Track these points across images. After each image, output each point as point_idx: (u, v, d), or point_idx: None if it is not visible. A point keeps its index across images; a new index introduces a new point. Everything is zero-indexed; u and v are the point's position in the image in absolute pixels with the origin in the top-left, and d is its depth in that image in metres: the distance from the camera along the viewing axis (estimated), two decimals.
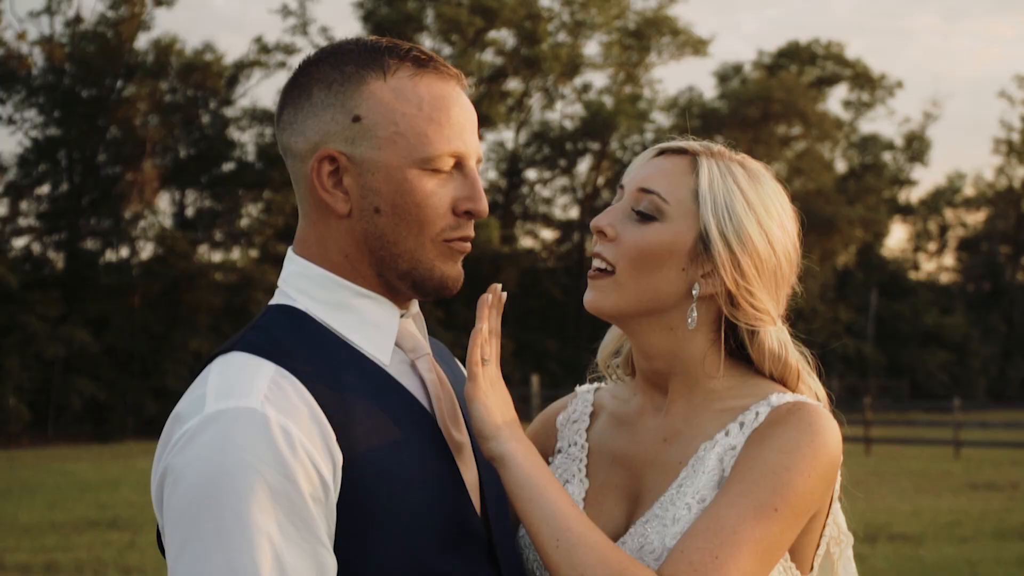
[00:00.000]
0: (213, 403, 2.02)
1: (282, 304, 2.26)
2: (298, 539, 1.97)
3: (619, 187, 2.51)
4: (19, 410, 40.94)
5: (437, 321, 50.98)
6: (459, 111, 2.27)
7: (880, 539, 15.45)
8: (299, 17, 54.03)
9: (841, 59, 68.77)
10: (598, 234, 2.45)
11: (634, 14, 60.10)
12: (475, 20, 52.99)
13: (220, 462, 1.95)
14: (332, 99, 2.20)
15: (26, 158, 48.96)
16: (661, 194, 2.41)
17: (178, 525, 1.97)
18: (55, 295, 44.82)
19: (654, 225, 2.40)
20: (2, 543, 15.56)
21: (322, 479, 2.01)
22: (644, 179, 2.44)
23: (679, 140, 2.51)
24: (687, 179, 2.42)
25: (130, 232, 49.82)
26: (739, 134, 59.35)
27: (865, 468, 26.77)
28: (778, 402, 2.37)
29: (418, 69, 2.25)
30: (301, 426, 2.02)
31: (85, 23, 48.46)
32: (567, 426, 2.67)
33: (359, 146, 2.18)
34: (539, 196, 63.31)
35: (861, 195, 64.88)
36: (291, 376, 2.08)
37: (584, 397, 2.72)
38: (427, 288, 2.26)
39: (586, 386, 2.76)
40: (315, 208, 2.24)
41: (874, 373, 65.57)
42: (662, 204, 2.41)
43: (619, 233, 2.42)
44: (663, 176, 2.43)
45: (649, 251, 2.39)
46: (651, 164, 2.48)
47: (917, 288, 71.97)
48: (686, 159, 2.46)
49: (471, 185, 2.25)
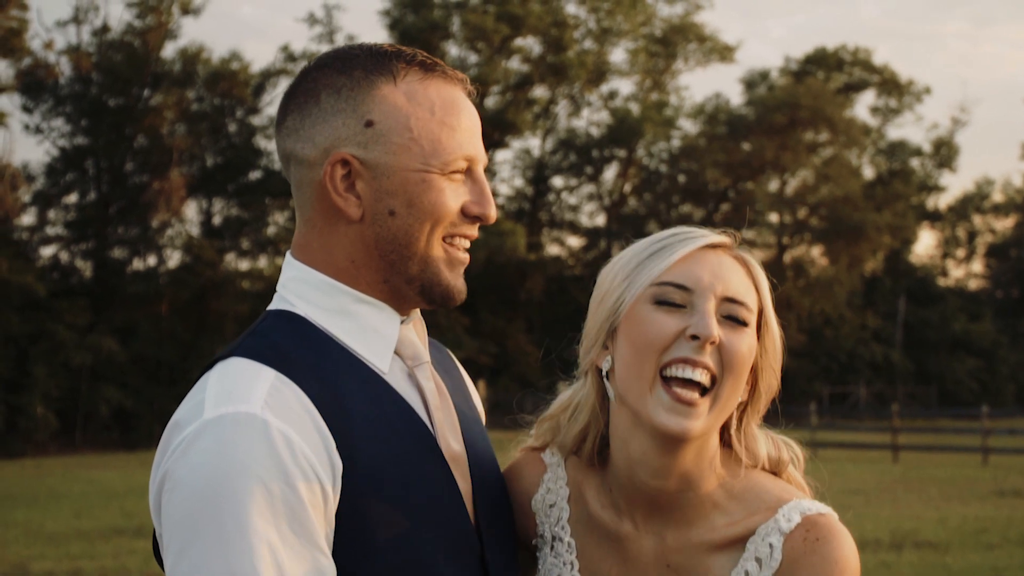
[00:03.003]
0: (212, 408, 2.00)
1: (281, 309, 2.26)
2: (298, 545, 1.95)
3: (677, 286, 2.25)
4: (47, 418, 41.11)
5: (464, 329, 50.99)
6: (468, 116, 2.26)
7: (906, 546, 15.37)
8: (326, 26, 54.24)
9: (868, 65, 68.53)
10: (702, 342, 2.21)
11: (660, 21, 60.10)
12: (501, 28, 52.99)
13: (220, 467, 1.93)
14: (343, 104, 2.19)
15: (54, 167, 49.21)
16: (748, 304, 2.28)
17: (177, 531, 1.95)
18: (83, 303, 44.99)
19: (747, 331, 2.27)
20: (28, 551, 15.61)
21: (322, 486, 1.99)
22: (729, 289, 2.27)
23: (716, 235, 2.34)
24: (749, 282, 2.31)
25: (157, 240, 50.01)
26: (766, 141, 59.23)
27: (892, 475, 26.67)
28: (787, 527, 2.24)
29: (426, 73, 2.23)
30: (302, 432, 2.00)
31: (112, 32, 48.74)
32: (545, 510, 2.47)
33: (373, 150, 2.17)
34: (565, 203, 63.36)
35: (889, 201, 64.60)
36: (291, 382, 2.06)
37: (556, 473, 2.50)
38: (434, 294, 2.24)
39: (551, 455, 2.53)
40: (322, 214, 2.22)
41: (902, 380, 65.34)
42: (747, 313, 2.27)
43: (721, 340, 2.23)
44: (740, 282, 2.29)
45: (747, 360, 2.26)
46: (719, 266, 2.29)
47: (945, 295, 71.68)
48: (736, 258, 2.33)
49: (480, 190, 2.25)
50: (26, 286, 42.03)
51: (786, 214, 64.55)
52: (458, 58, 55.31)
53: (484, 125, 10.95)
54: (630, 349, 2.25)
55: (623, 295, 2.30)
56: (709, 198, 62.40)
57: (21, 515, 19.40)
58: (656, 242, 2.34)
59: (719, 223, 46.20)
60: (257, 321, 2.26)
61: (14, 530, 17.60)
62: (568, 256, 63.41)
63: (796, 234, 64.65)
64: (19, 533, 17.27)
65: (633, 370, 2.23)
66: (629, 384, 2.24)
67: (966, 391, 65.19)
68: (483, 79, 53.75)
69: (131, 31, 48.49)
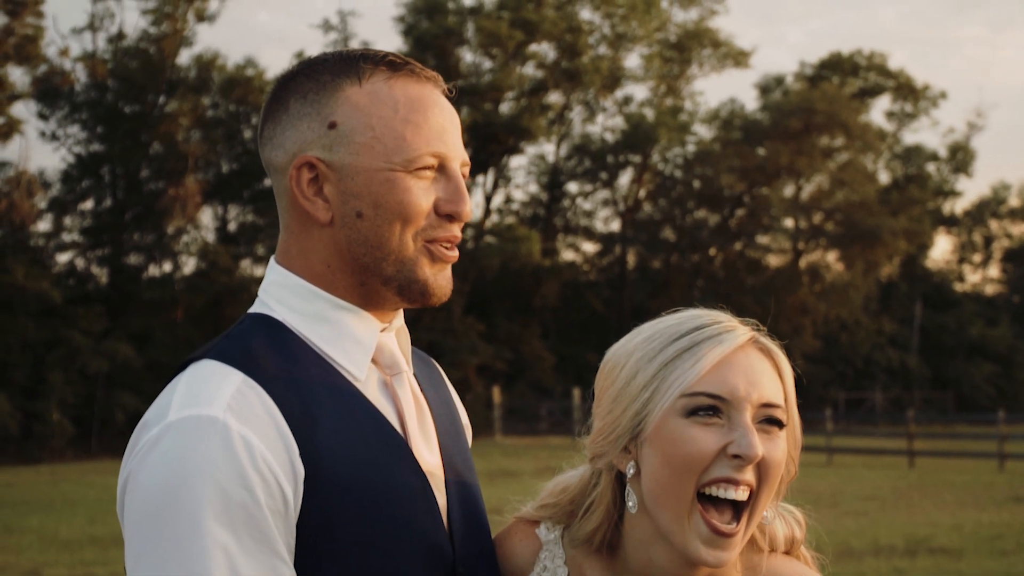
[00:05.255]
0: (176, 410, 1.99)
1: (259, 313, 2.23)
2: (255, 551, 1.93)
3: (712, 397, 2.13)
4: (63, 424, 41.21)
5: (479, 334, 51.00)
6: (437, 113, 2.20)
7: (920, 553, 15.31)
8: (341, 32, 54.30)
9: (884, 70, 68.47)
10: (745, 462, 2.11)
11: (675, 26, 60.12)
12: (516, 34, 53.00)
13: (178, 470, 1.92)
14: (308, 108, 2.17)
15: (70, 174, 49.36)
16: (782, 404, 2.18)
17: (135, 533, 1.94)
18: (98, 310, 45.13)
19: (782, 434, 2.18)
20: (42, 557, 15.63)
21: (282, 492, 1.97)
22: (764, 395, 2.15)
23: (740, 326, 2.23)
24: (776, 376, 2.20)
25: (173, 247, 50.12)
26: (781, 146, 59.17)
27: (908, 481, 26.59)
28: None
29: (393, 73, 2.20)
30: (263, 437, 1.98)
31: (127, 39, 48.88)
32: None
33: (337, 152, 2.15)
34: (580, 209, 63.38)
35: (904, 206, 64.49)
36: (257, 386, 2.04)
37: (553, 551, 2.37)
38: (412, 293, 2.20)
39: (546, 530, 2.39)
40: (296, 219, 2.21)
41: (918, 385, 65.19)
42: (782, 413, 2.17)
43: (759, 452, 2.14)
44: (772, 381, 2.18)
45: (783, 465, 2.18)
46: (751, 369, 2.17)
47: (962, 300, 71.54)
48: (762, 351, 2.21)
49: (454, 187, 2.20)
50: (42, 293, 42.17)
51: (801, 219, 64.47)
52: (473, 64, 55.38)
53: (499, 131, 10.96)
54: (664, 468, 2.13)
55: (649, 404, 2.16)
56: (724, 203, 62.34)
57: (36, 521, 19.43)
58: (679, 337, 2.19)
59: (734, 228, 46.29)
60: (235, 324, 2.23)
61: (28, 536, 17.63)
62: (583, 262, 63.44)
63: (811, 239, 64.55)
64: (33, 539, 17.30)
65: (669, 490, 2.12)
66: (662, 503, 2.14)
67: (983, 396, 64.98)
68: (498, 85, 53.78)
69: (146, 38, 48.63)
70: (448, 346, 49.23)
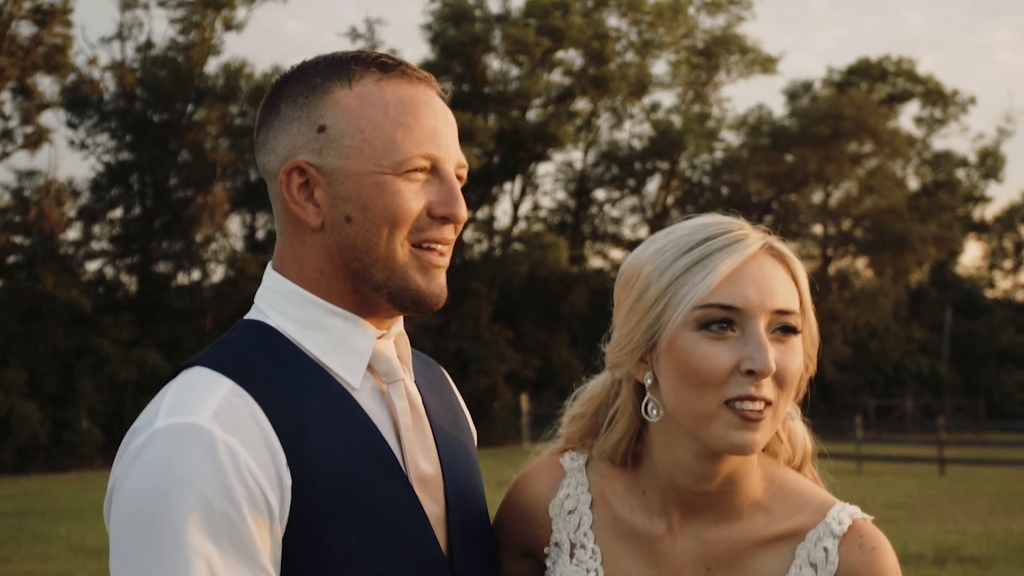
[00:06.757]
0: (163, 418, 1.97)
1: (254, 320, 2.21)
2: (237, 562, 1.91)
3: (724, 308, 2.12)
4: (92, 432, 41.36)
5: (507, 342, 51.01)
6: (430, 114, 2.17)
7: (949, 561, 15.17)
8: (368, 40, 54.36)
9: (912, 75, 68.25)
10: (760, 377, 2.11)
11: (702, 33, 60.03)
12: (542, 41, 52.99)
13: (161, 479, 1.90)
14: (298, 112, 2.15)
15: (98, 182, 49.54)
16: (796, 309, 2.17)
17: (120, 541, 1.93)
18: (128, 318, 45.27)
19: (797, 340, 2.18)
20: (69, 564, 15.65)
21: (267, 502, 1.95)
22: (777, 300, 2.14)
23: (753, 232, 2.21)
24: (790, 281, 2.19)
25: (201, 255, 50.25)
26: (809, 152, 59.01)
27: (938, 489, 26.42)
28: (840, 530, 2.19)
29: (384, 74, 2.18)
30: (249, 446, 1.96)
31: (156, 48, 49.05)
32: (562, 517, 2.38)
33: (327, 156, 2.12)
34: (608, 216, 63.29)
35: (934, 212, 64.28)
36: (246, 394, 2.02)
37: (576, 478, 2.41)
38: (404, 301, 2.17)
39: (570, 459, 2.44)
40: (289, 224, 2.19)
41: (949, 393, 64.89)
42: (797, 318, 2.17)
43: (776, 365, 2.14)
44: (786, 287, 2.17)
45: (800, 371, 2.19)
46: (763, 276, 2.15)
47: (992, 306, 71.17)
48: (775, 256, 2.20)
49: (447, 190, 2.16)
50: (71, 301, 42.34)
51: (830, 226, 64.34)
52: (499, 71, 55.38)
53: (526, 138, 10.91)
54: (681, 382, 2.14)
55: (662, 317, 2.16)
56: (752, 210, 62.15)
57: (64, 529, 19.47)
58: (690, 249, 2.17)
59: None
60: (229, 331, 2.21)
61: (56, 544, 17.65)
62: (611, 269, 63.26)
63: (840, 246, 64.40)
64: (61, 547, 17.31)
65: (690, 403, 2.14)
66: (684, 413, 2.16)
67: (1014, 404, 64.66)
68: (525, 92, 53.78)
69: (175, 47, 48.78)
70: (476, 354, 49.25)
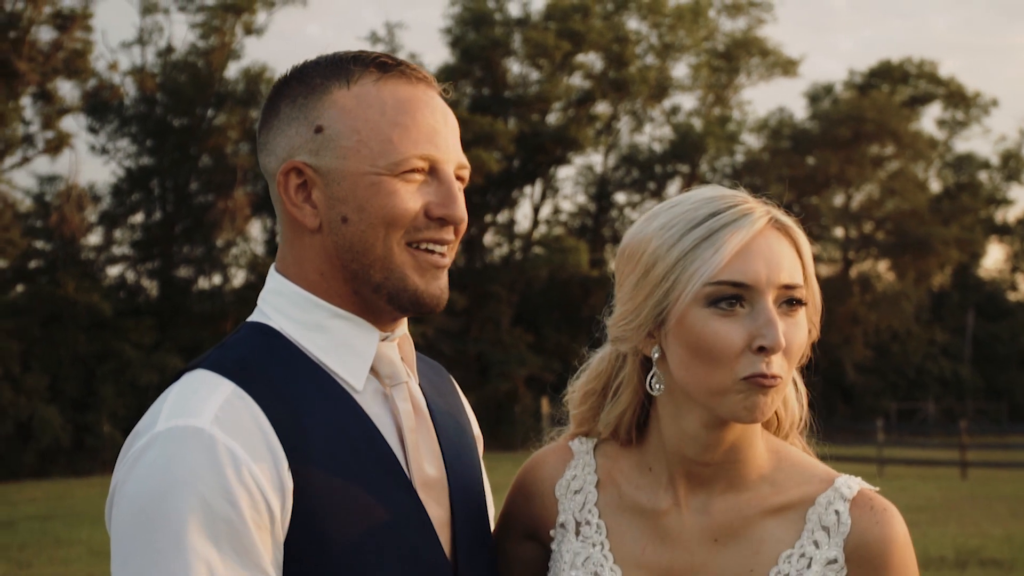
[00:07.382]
0: (165, 421, 1.96)
1: (257, 322, 2.19)
2: (237, 565, 1.90)
3: (734, 285, 2.11)
4: (113, 437, 41.43)
5: (527, 346, 50.98)
6: (428, 114, 2.15)
7: (970, 564, 15.11)
8: (388, 44, 54.39)
9: (934, 77, 68.04)
10: (771, 352, 2.11)
11: (723, 35, 59.95)
12: (562, 44, 52.96)
13: (162, 482, 1.90)
14: (297, 112, 2.14)
15: (119, 187, 49.65)
16: (801, 282, 2.18)
17: (119, 543, 1.92)
18: (149, 323, 45.34)
19: (803, 311, 2.19)
20: (91, 568, 15.68)
21: (268, 505, 1.94)
22: (784, 275, 2.14)
23: (759, 205, 2.20)
24: (794, 253, 2.20)
25: (222, 259, 50.33)
26: (831, 155, 58.87)
27: (960, 492, 26.32)
28: (849, 494, 2.22)
29: (382, 74, 2.16)
30: (250, 449, 1.95)
31: (176, 53, 49.17)
32: (569, 497, 2.40)
33: (324, 157, 2.11)
34: (628, 219, 63.16)
35: (956, 215, 64.06)
36: (248, 397, 2.00)
37: (583, 460, 2.43)
38: (403, 302, 2.15)
39: (579, 443, 2.47)
40: (289, 226, 2.17)
41: (971, 396, 64.65)
42: (803, 291, 2.18)
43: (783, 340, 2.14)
44: (791, 261, 2.17)
45: (806, 342, 2.20)
46: (770, 251, 2.15)
47: (1015, 309, 70.89)
48: (779, 229, 2.19)
49: (445, 190, 2.14)
50: (93, 306, 42.45)
51: (852, 228, 64.16)
52: (520, 75, 55.38)
53: (546, 142, 10.90)
54: (692, 358, 2.15)
55: (671, 294, 2.16)
56: None
57: (85, 533, 19.50)
58: (696, 225, 2.16)
59: None
60: (231, 332, 2.19)
61: (78, 548, 17.69)
62: None
63: (862, 249, 64.23)
64: (83, 551, 17.35)
65: (701, 378, 2.14)
66: (696, 386, 2.16)
67: None
68: (545, 96, 53.76)
69: (195, 52, 48.89)
70: (497, 357, 49.23)
